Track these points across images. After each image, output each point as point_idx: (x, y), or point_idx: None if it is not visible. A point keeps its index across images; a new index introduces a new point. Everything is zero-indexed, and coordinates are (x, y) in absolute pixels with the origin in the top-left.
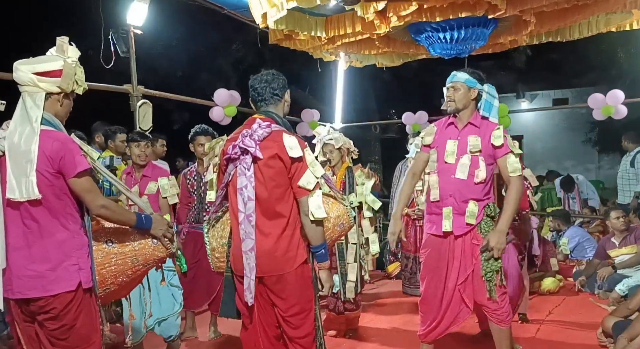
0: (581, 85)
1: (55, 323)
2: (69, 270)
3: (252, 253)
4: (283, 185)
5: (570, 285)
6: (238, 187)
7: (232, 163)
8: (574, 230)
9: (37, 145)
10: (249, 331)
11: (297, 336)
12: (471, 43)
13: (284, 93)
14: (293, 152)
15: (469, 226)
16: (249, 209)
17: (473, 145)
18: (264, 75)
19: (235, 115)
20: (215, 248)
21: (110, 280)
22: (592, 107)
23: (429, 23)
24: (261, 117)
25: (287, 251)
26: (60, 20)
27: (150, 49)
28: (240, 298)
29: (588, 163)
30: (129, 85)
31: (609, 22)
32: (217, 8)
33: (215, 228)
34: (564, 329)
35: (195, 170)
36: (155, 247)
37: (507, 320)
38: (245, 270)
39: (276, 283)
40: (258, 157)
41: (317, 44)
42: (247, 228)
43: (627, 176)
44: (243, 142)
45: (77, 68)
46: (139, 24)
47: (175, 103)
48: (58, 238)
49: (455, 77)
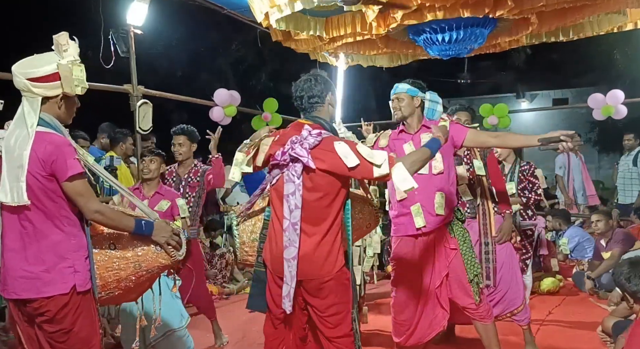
0: (581, 85)
1: (52, 326)
2: (63, 273)
3: (294, 261)
4: (332, 193)
5: (570, 285)
6: (285, 194)
7: (277, 168)
8: (574, 230)
9: (29, 150)
10: (278, 330)
11: (335, 336)
12: (470, 43)
13: (326, 96)
14: (349, 161)
15: (439, 219)
16: (294, 217)
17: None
18: (301, 83)
19: (235, 115)
20: (245, 242)
21: (113, 283)
22: (592, 107)
23: (429, 23)
24: (309, 123)
25: (328, 256)
26: (60, 20)
27: (150, 48)
28: (273, 297)
29: (588, 163)
30: (129, 85)
31: (610, 22)
32: (217, 8)
33: (246, 223)
34: (564, 329)
35: (175, 171)
36: (159, 254)
37: (489, 316)
38: (285, 277)
39: (315, 287)
40: (310, 167)
41: (317, 44)
42: (292, 236)
43: (630, 176)
44: (294, 149)
45: (74, 67)
46: (139, 24)
47: (175, 103)
48: (52, 240)
49: (397, 88)
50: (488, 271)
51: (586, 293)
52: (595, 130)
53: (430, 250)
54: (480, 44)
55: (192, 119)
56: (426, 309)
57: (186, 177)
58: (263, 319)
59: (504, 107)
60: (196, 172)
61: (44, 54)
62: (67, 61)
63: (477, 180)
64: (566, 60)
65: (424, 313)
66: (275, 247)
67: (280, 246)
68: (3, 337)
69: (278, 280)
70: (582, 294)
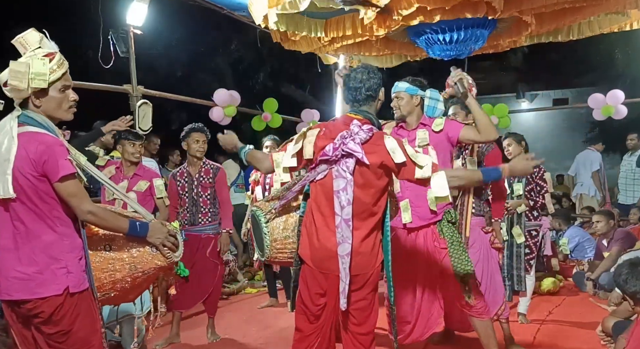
0: (581, 85)
1: (50, 327)
2: (56, 274)
3: (347, 258)
4: (381, 189)
5: (570, 285)
6: (335, 190)
7: (325, 164)
8: (574, 230)
9: (16, 145)
10: (313, 324)
11: (360, 332)
12: (470, 44)
13: (379, 92)
14: (397, 156)
15: (428, 216)
16: (347, 213)
17: (421, 139)
18: (358, 74)
19: (235, 115)
20: (277, 239)
21: (108, 285)
22: (592, 107)
23: (429, 24)
24: (358, 117)
25: (372, 250)
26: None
27: (150, 49)
28: (311, 293)
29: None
30: (129, 85)
31: (610, 22)
32: (217, 8)
33: (277, 220)
34: (564, 329)
35: (187, 170)
36: (154, 256)
37: (487, 312)
38: (341, 274)
39: (360, 281)
40: (365, 162)
41: (317, 45)
42: (345, 232)
43: (632, 177)
44: (346, 145)
45: (34, 61)
46: (138, 24)
47: (175, 103)
48: (45, 241)
49: (397, 87)
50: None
51: (586, 293)
52: (595, 130)
53: (421, 248)
54: (481, 45)
55: (192, 119)
56: (423, 307)
57: (198, 177)
58: (262, 320)
59: (504, 107)
60: (207, 172)
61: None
62: (26, 58)
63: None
64: (566, 60)
65: (421, 312)
66: (318, 243)
67: (324, 241)
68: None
69: (318, 275)
70: (582, 295)
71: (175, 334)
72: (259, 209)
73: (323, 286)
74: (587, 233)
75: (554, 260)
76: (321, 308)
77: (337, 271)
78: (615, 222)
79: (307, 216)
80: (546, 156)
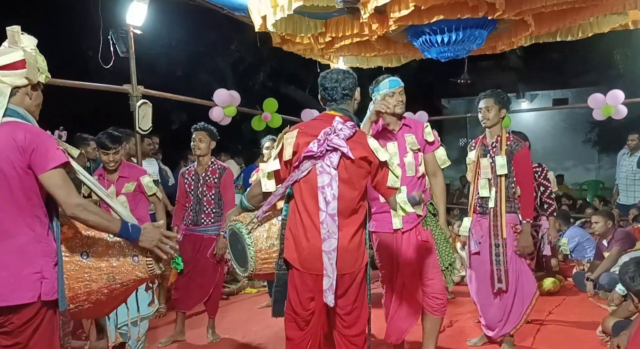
0: (581, 85)
1: (8, 339)
2: (29, 279)
3: (334, 253)
4: (363, 185)
5: (570, 285)
6: (319, 186)
7: (309, 161)
8: (574, 230)
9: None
10: (304, 331)
11: (351, 334)
12: (468, 45)
13: (354, 91)
14: (380, 155)
15: (417, 219)
16: (332, 208)
17: (412, 143)
18: (333, 74)
19: (235, 115)
20: (262, 249)
21: (83, 296)
22: (592, 107)
23: (428, 25)
24: (339, 115)
25: (359, 248)
26: (61, 20)
27: (150, 49)
28: (300, 297)
29: (588, 163)
30: (129, 85)
31: (609, 23)
32: (217, 8)
33: (259, 229)
34: (564, 329)
35: (194, 169)
36: (136, 266)
37: (443, 310)
38: (326, 270)
39: (345, 281)
40: (350, 157)
41: (316, 47)
42: (331, 228)
43: (633, 177)
44: (330, 140)
45: (37, 56)
46: (138, 24)
47: (175, 103)
48: (20, 241)
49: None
50: (499, 273)
51: (586, 293)
52: (595, 130)
53: (405, 244)
54: (479, 45)
55: (192, 119)
56: (403, 300)
57: (204, 176)
58: (261, 320)
59: None
60: (214, 171)
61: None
62: (31, 49)
63: (495, 178)
64: (566, 60)
65: (402, 304)
66: (306, 242)
67: (313, 240)
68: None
69: (308, 278)
70: (582, 295)
71: (180, 331)
72: (238, 222)
73: (312, 289)
74: (587, 233)
75: (554, 260)
76: (311, 312)
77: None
78: (614, 223)
79: (291, 218)
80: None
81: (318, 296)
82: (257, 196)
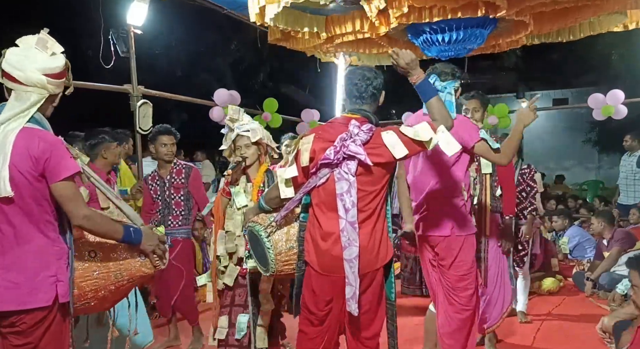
0: (581, 85)
1: (19, 338)
2: (45, 282)
3: (356, 261)
4: (383, 183)
5: (570, 285)
6: (338, 193)
7: (327, 167)
8: (574, 229)
9: (14, 137)
10: (318, 328)
11: (366, 336)
12: (469, 44)
13: (381, 94)
14: (397, 152)
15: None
16: (352, 216)
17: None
18: (365, 71)
19: None
20: (281, 252)
21: (90, 293)
22: (592, 107)
23: (428, 24)
24: (356, 117)
25: (380, 246)
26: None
27: (150, 49)
28: (317, 297)
29: (588, 163)
30: (129, 85)
31: (610, 22)
32: (217, 8)
33: (278, 232)
34: (564, 329)
35: (157, 174)
36: (142, 263)
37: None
38: (348, 278)
39: (365, 280)
40: (368, 164)
41: (316, 42)
42: (352, 235)
43: (633, 177)
44: (347, 147)
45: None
46: (138, 24)
47: (175, 103)
48: (36, 246)
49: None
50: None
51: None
52: (595, 130)
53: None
54: (480, 45)
55: (192, 119)
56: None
57: (169, 179)
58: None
59: (504, 107)
60: (179, 172)
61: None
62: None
63: (480, 176)
64: (566, 60)
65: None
66: (326, 248)
67: (333, 247)
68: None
69: (326, 280)
70: (582, 295)
71: (175, 337)
72: (257, 224)
73: (330, 292)
74: (587, 233)
75: (554, 260)
76: (326, 313)
77: (344, 275)
78: (613, 223)
79: (310, 222)
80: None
81: (336, 299)
82: (275, 198)
